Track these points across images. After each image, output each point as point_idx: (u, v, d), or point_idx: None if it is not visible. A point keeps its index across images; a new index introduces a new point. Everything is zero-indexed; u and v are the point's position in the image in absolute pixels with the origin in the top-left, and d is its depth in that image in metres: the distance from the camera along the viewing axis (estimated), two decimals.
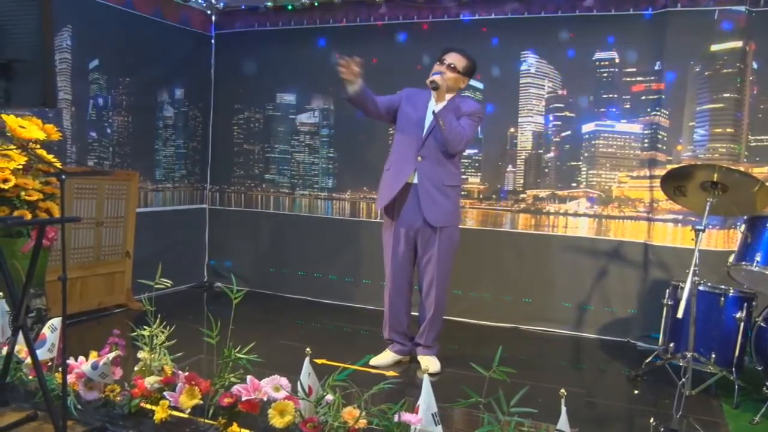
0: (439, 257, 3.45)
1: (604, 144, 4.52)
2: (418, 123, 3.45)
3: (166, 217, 5.34)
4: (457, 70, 3.42)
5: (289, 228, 5.51)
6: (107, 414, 2.56)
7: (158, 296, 2.70)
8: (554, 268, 4.64)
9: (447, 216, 3.45)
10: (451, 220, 3.50)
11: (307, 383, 2.35)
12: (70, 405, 2.51)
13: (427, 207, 3.41)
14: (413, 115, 3.48)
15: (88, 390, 2.60)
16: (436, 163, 3.41)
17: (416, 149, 3.42)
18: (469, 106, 3.46)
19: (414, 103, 3.52)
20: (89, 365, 2.58)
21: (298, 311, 4.98)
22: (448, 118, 3.30)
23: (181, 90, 5.42)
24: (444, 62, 3.41)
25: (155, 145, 5.25)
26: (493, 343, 4.10)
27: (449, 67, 3.40)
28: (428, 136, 3.41)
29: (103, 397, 2.60)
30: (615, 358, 4.07)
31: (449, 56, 3.43)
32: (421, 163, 3.41)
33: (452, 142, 3.33)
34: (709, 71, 4.16)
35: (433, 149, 3.41)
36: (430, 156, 3.41)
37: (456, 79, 3.43)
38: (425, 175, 3.42)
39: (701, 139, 4.21)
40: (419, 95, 3.54)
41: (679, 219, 4.26)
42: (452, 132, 3.31)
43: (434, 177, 3.42)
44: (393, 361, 3.64)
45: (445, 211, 3.44)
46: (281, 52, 5.41)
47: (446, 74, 3.37)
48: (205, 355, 3.34)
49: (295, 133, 5.48)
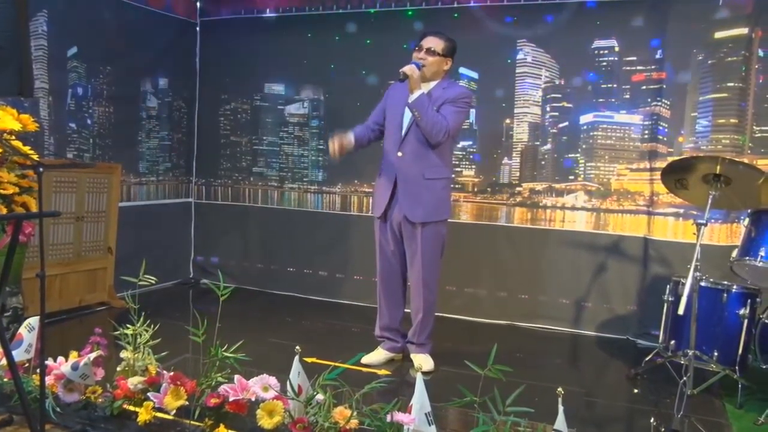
0: (423, 255, 3.44)
1: (603, 135, 4.51)
2: (396, 119, 3.46)
3: (150, 211, 5.31)
4: (437, 53, 3.39)
5: (277, 222, 5.50)
6: (88, 416, 2.54)
7: (142, 293, 2.69)
8: (551, 264, 4.63)
9: (428, 211, 3.42)
10: (434, 216, 3.44)
11: (296, 382, 2.35)
12: (49, 408, 2.49)
13: (405, 203, 3.41)
14: (392, 112, 3.50)
15: (67, 392, 2.58)
16: (416, 157, 3.39)
17: (397, 146, 3.42)
18: (453, 91, 3.42)
19: (394, 99, 3.52)
20: (69, 366, 2.57)
21: (287, 308, 4.97)
22: (424, 108, 3.26)
23: (165, 79, 5.38)
24: (422, 48, 3.40)
25: (138, 137, 5.21)
26: (488, 340, 4.10)
27: (428, 52, 3.38)
28: (408, 130, 3.40)
29: (83, 399, 2.59)
30: (614, 356, 4.07)
31: (426, 41, 3.41)
32: (401, 159, 3.41)
33: (431, 132, 3.30)
34: (712, 59, 4.13)
35: (413, 143, 3.39)
36: (411, 150, 3.40)
37: (438, 62, 3.40)
38: (405, 170, 3.41)
39: (704, 130, 4.19)
40: (398, 90, 3.51)
41: (680, 213, 4.25)
42: (429, 122, 3.28)
43: (414, 171, 3.40)
44: (385, 359, 3.65)
45: (426, 206, 3.41)
46: (269, 40, 5.37)
47: (427, 59, 3.35)
48: (191, 354, 3.34)
49: (283, 124, 5.46)
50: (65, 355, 2.71)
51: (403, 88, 3.43)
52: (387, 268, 3.60)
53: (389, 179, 3.46)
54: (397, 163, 3.42)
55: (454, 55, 3.48)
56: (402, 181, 3.42)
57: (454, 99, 3.38)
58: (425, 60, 3.35)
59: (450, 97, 3.37)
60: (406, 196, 3.41)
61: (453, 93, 3.40)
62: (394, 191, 3.44)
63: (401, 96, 3.44)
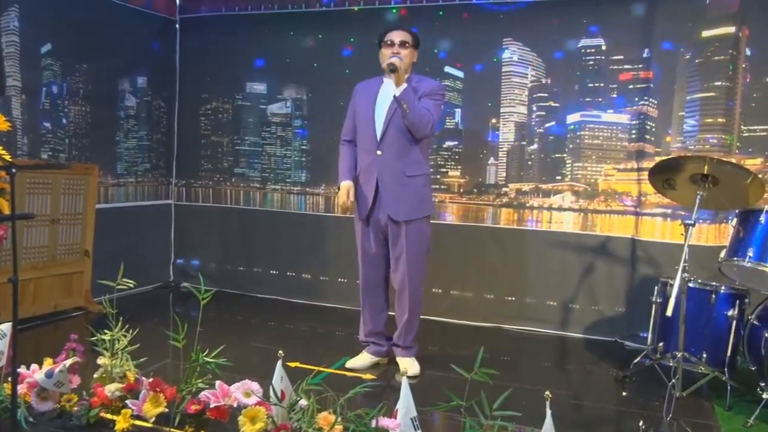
0: (408, 254, 3.43)
1: (590, 135, 4.52)
2: (370, 117, 3.44)
3: (128, 213, 5.28)
4: (410, 45, 3.41)
5: (260, 224, 5.48)
6: (63, 426, 2.51)
7: (120, 298, 2.67)
8: (538, 265, 4.64)
9: (411, 209, 3.42)
10: (417, 213, 3.44)
11: (279, 388, 2.34)
12: (21, 417, 2.45)
13: (388, 202, 3.41)
14: (364, 111, 3.48)
15: (41, 401, 2.54)
16: (397, 154, 3.38)
17: (375, 144, 3.41)
18: (429, 85, 3.43)
19: (364, 97, 3.52)
20: (43, 374, 2.52)
21: (269, 312, 4.96)
22: (411, 100, 3.26)
23: (143, 78, 5.35)
24: (394, 44, 3.39)
25: (116, 137, 5.18)
26: (474, 343, 4.04)
27: (402, 45, 3.39)
28: (387, 126, 3.38)
29: (58, 407, 2.56)
30: (602, 358, 4.07)
31: (394, 35, 3.41)
32: (380, 157, 3.40)
33: (418, 125, 3.30)
34: (699, 58, 4.15)
35: (393, 139, 3.38)
36: (390, 147, 3.39)
37: (411, 55, 3.42)
38: (385, 168, 3.40)
39: (691, 130, 4.22)
40: (367, 87, 3.52)
41: (668, 213, 4.27)
42: (417, 115, 3.28)
43: (394, 168, 3.40)
44: (370, 363, 3.64)
45: (409, 203, 3.41)
46: (251, 38, 5.36)
47: (402, 53, 3.34)
48: (170, 360, 3.33)
49: (266, 124, 5.44)
50: (39, 363, 2.66)
51: (372, 85, 3.48)
52: (370, 271, 3.59)
53: (370, 180, 3.44)
54: (377, 162, 3.41)
55: (418, 46, 3.51)
56: (383, 180, 3.41)
57: (431, 92, 3.39)
58: (401, 54, 3.34)
59: (426, 91, 3.38)
60: (389, 195, 3.40)
61: (428, 86, 3.42)
62: (376, 192, 3.43)
63: (371, 93, 3.47)
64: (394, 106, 3.34)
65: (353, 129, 3.57)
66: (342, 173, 3.56)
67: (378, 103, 3.44)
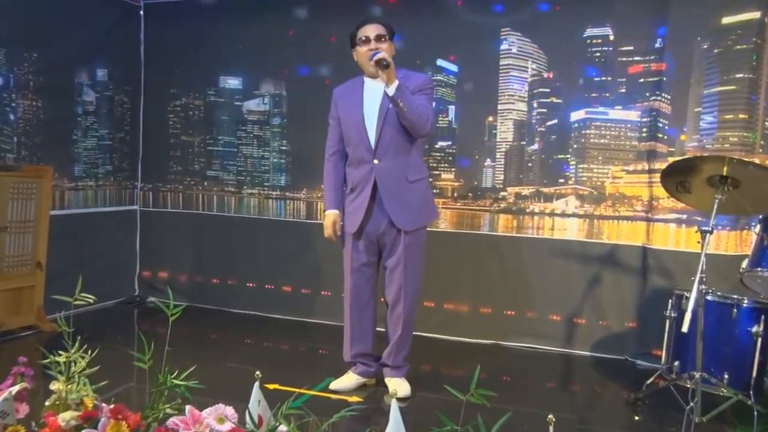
0: (406, 263, 3.43)
1: (596, 134, 4.51)
2: (360, 124, 3.41)
3: (87, 220, 5.24)
4: (385, 38, 3.38)
5: (235, 232, 5.47)
6: None
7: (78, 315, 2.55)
8: (540, 276, 4.62)
9: (418, 216, 3.44)
10: (423, 220, 3.48)
11: (256, 412, 2.28)
12: None
13: (394, 210, 3.39)
14: (352, 119, 3.45)
15: None
16: (395, 158, 3.38)
17: (371, 153, 3.39)
18: (417, 80, 3.40)
19: (348, 103, 3.49)
20: None
21: (246, 329, 4.96)
22: (407, 97, 3.23)
23: (104, 70, 5.30)
24: (369, 40, 3.35)
25: (73, 136, 5.12)
26: (470, 361, 4.14)
27: (379, 39, 3.36)
28: (381, 130, 3.36)
29: None
30: (611, 378, 4.06)
31: (367, 30, 3.37)
32: (378, 166, 3.38)
33: (417, 123, 3.28)
34: (719, 48, 4.11)
35: (390, 143, 3.37)
36: (388, 153, 3.37)
37: (390, 48, 3.40)
38: (385, 176, 3.39)
39: (709, 127, 4.19)
40: (348, 91, 3.52)
41: (682, 219, 4.25)
42: (415, 112, 3.25)
43: (396, 174, 3.39)
44: (357, 385, 3.63)
45: (415, 211, 3.43)
46: (225, 27, 5.33)
47: (381, 47, 3.32)
48: (135, 384, 3.34)
49: (241, 122, 5.44)
50: None
51: (353, 88, 3.48)
52: (360, 284, 3.57)
53: (365, 192, 3.42)
54: (375, 172, 3.39)
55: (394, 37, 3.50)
56: (386, 188, 3.38)
57: (421, 87, 3.38)
58: (380, 49, 3.30)
59: (416, 86, 3.36)
60: (393, 204, 3.38)
61: (417, 81, 3.39)
62: (372, 201, 3.41)
63: (355, 97, 3.45)
64: (385, 107, 3.33)
65: (340, 139, 3.54)
66: (328, 198, 3.56)
67: (366, 106, 3.41)
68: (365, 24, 3.40)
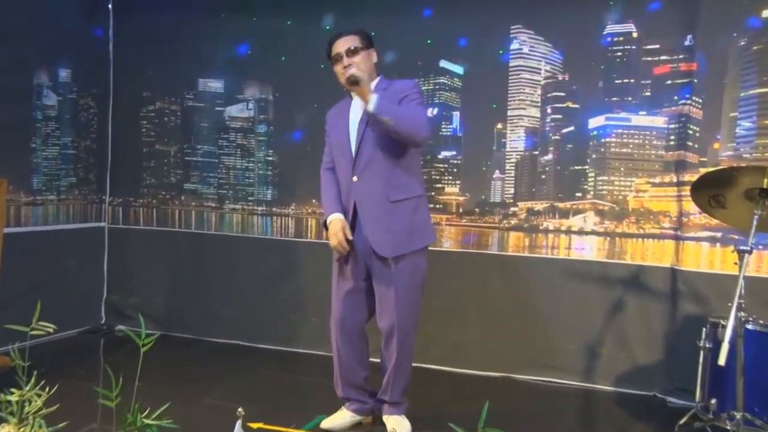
0: (397, 295, 3.39)
1: (618, 143, 4.46)
2: (345, 142, 3.46)
3: (48, 239, 5.14)
4: (358, 50, 3.41)
5: (215, 252, 5.42)
6: None
7: (35, 346, 2.59)
8: (555, 301, 4.55)
9: (399, 242, 3.36)
10: (407, 246, 3.39)
11: None
12: None
13: (372, 234, 3.38)
14: (338, 137, 3.52)
15: None
16: (376, 178, 3.37)
17: (350, 170, 3.43)
18: (403, 86, 3.44)
19: (337, 123, 3.56)
20: None
21: (227, 360, 4.89)
22: (390, 108, 3.22)
23: (67, 70, 5.22)
24: (341, 56, 3.39)
25: (31, 144, 5.01)
26: (478, 397, 4.08)
27: (350, 53, 3.38)
28: (359, 148, 3.39)
29: None
30: (638, 417, 3.96)
31: (339, 45, 3.41)
32: (357, 184, 3.41)
33: (410, 133, 3.26)
34: (757, 45, 4.05)
35: (370, 161, 3.37)
36: (367, 170, 3.38)
37: (366, 57, 3.43)
38: (364, 196, 3.40)
39: (746, 134, 4.12)
40: (340, 110, 3.58)
41: (717, 237, 4.18)
42: (404, 122, 3.23)
43: (375, 195, 3.38)
44: (350, 423, 3.61)
45: (396, 235, 3.36)
46: (205, 24, 5.29)
47: (354, 60, 3.35)
48: (99, 424, 3.33)
49: (223, 130, 5.40)
50: None
51: (343, 106, 3.54)
52: (346, 311, 3.53)
53: (348, 212, 3.46)
54: (354, 190, 3.42)
55: (373, 43, 3.53)
56: (362, 209, 3.40)
57: (408, 93, 3.39)
58: (352, 62, 3.36)
59: (405, 92, 3.38)
60: (370, 226, 3.38)
61: (403, 88, 3.42)
62: (354, 221, 3.43)
63: (342, 116, 3.52)
64: (363, 123, 3.37)
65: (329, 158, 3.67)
66: (327, 204, 3.54)
67: (351, 124, 3.47)
68: (335, 40, 3.46)
